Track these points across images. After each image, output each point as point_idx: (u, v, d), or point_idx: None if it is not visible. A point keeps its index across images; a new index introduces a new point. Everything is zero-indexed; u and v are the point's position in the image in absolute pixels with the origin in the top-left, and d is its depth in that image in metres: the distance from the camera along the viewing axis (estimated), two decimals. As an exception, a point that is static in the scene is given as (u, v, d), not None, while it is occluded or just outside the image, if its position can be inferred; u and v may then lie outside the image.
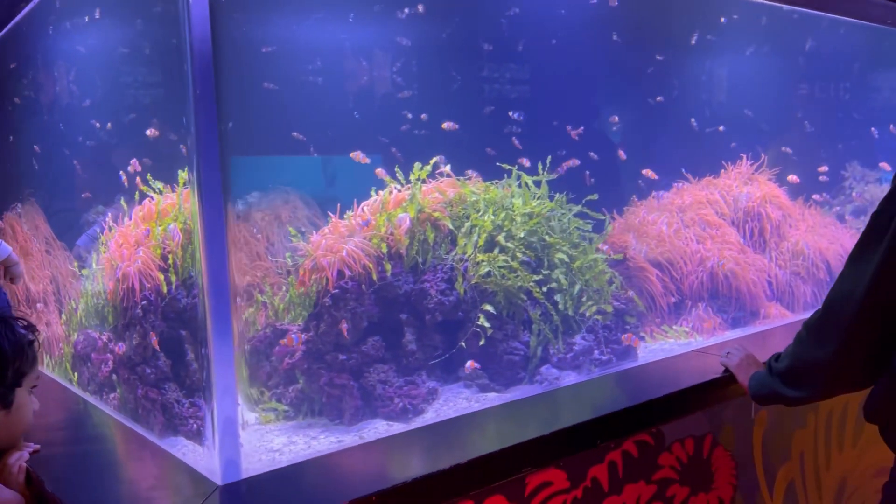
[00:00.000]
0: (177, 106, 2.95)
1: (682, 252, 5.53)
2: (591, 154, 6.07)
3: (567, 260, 4.84)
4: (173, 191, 4.70)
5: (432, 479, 2.99)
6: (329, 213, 5.27)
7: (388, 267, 4.86)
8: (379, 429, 4.52)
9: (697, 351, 4.91)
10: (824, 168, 7.16)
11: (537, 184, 5.20)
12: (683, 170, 6.25)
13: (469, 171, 5.53)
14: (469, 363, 4.54)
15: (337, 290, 4.85)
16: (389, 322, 4.47)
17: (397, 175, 5.28)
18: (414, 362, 4.79)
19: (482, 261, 4.72)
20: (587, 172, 5.62)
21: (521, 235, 4.74)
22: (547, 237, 4.81)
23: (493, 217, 4.78)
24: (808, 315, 3.35)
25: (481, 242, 4.76)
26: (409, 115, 6.40)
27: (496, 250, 4.76)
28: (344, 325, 4.73)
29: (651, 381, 4.38)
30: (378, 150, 6.66)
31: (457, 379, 4.85)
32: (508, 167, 5.11)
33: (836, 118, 7.66)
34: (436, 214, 4.98)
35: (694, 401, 4.11)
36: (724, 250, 5.57)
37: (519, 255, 4.69)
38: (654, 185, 6.14)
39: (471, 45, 6.55)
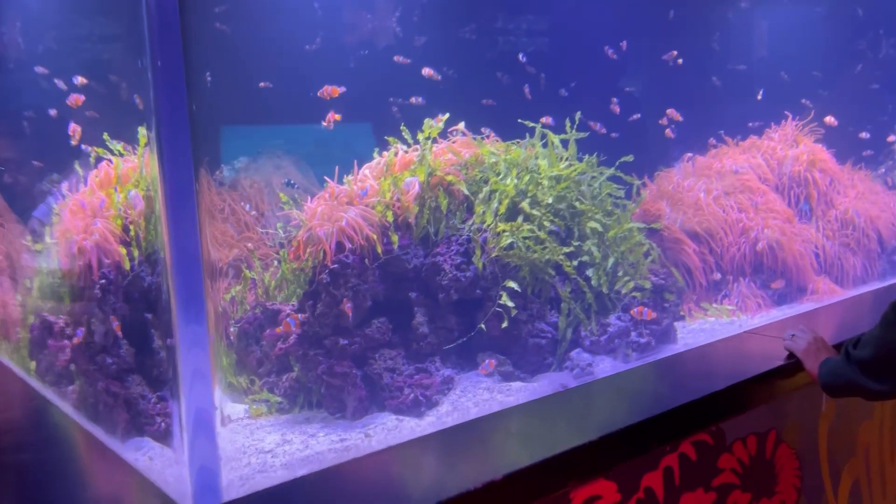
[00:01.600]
0: (135, 51, 2.47)
1: (722, 222, 4.92)
2: (613, 106, 5.43)
3: (600, 230, 4.22)
4: (135, 153, 4.05)
5: (462, 502, 2.38)
6: (326, 178, 4.61)
7: (395, 238, 4.24)
8: (387, 424, 3.93)
9: (750, 332, 4.31)
10: (865, 135, 6.52)
11: (564, 144, 4.55)
12: (722, 132, 5.61)
13: (484, 129, 4.87)
14: (488, 362, 3.92)
15: (336, 265, 4.23)
16: (397, 301, 4.10)
17: (403, 134, 4.62)
18: (426, 347, 4.19)
19: (504, 231, 4.10)
20: (614, 135, 4.96)
21: (549, 202, 4.10)
22: (577, 203, 4.19)
23: (515, 181, 4.15)
24: (860, 291, 2.75)
25: (503, 210, 4.12)
26: (411, 67, 5.73)
27: (520, 219, 4.14)
28: (347, 305, 4.11)
29: (704, 370, 3.79)
30: (378, 108, 5.99)
31: (475, 365, 4.25)
32: (532, 124, 4.45)
33: (888, 77, 6.97)
34: (449, 178, 4.34)
35: (758, 392, 3.52)
36: (769, 219, 4.97)
37: (546, 223, 4.06)
38: (688, 148, 5.51)
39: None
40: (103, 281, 3.66)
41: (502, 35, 5.86)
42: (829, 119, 5.60)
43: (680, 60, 5.54)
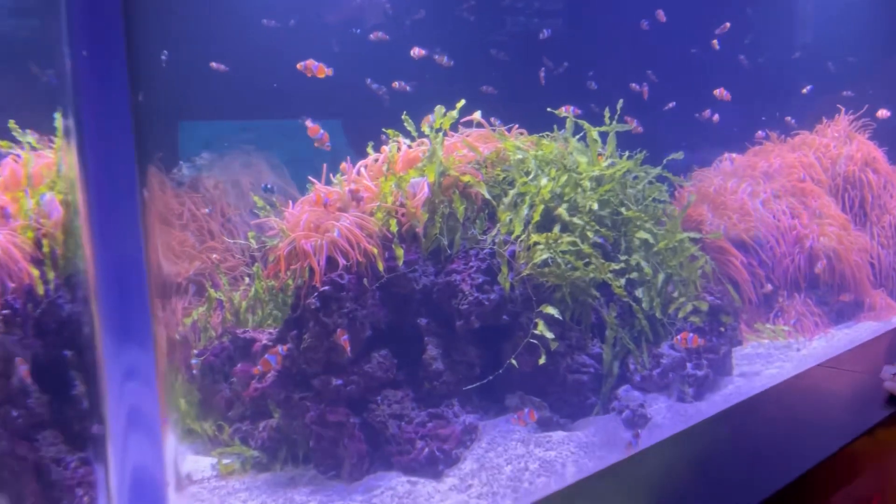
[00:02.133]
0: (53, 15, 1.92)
1: (773, 229, 4.22)
2: (640, 91, 4.68)
3: (652, 241, 3.46)
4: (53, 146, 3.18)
5: None
6: (311, 178, 3.77)
7: (400, 252, 3.45)
8: (397, 489, 3.16)
9: (825, 366, 3.60)
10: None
11: (599, 138, 3.78)
12: (766, 128, 4.90)
13: (495, 120, 4.09)
14: (527, 412, 3.14)
15: (327, 287, 3.44)
16: (403, 329, 3.57)
17: (406, 125, 3.81)
18: (441, 387, 3.43)
19: (538, 244, 3.32)
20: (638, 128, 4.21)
21: (594, 207, 3.33)
22: (623, 210, 3.42)
23: (551, 182, 3.36)
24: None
25: (536, 217, 3.34)
26: (403, 49, 4.92)
27: (556, 228, 3.36)
28: (342, 337, 3.30)
29: (790, 427, 3.03)
30: (365, 96, 5.17)
31: (503, 409, 3.48)
32: (564, 114, 3.67)
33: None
34: (465, 178, 3.54)
35: (861, 453, 2.80)
36: (825, 226, 4.28)
37: (590, 234, 3.30)
38: (725, 144, 4.81)
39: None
40: (6, 311, 2.75)
41: (510, 14, 5.08)
42: (883, 112, 4.95)
43: (715, 42, 4.82)
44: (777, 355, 4.09)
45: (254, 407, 3.76)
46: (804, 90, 5.22)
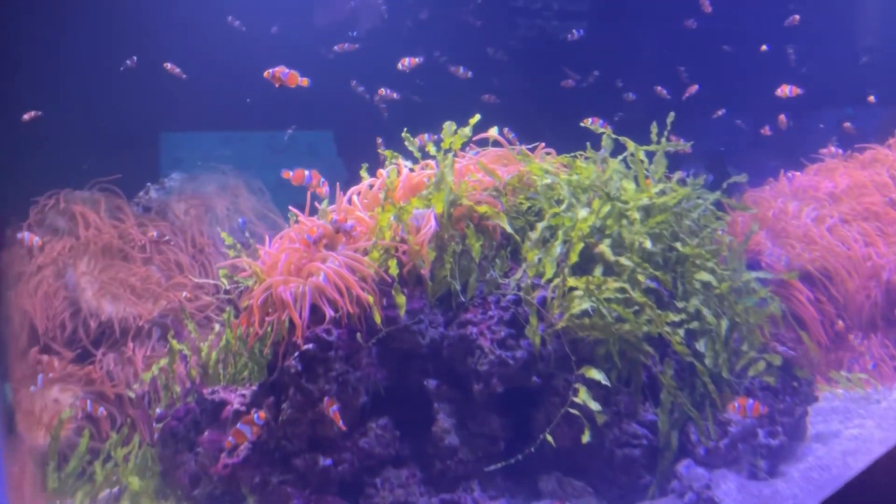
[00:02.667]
0: None
1: (843, 259, 3.55)
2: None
3: (715, 283, 2.77)
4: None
5: None
6: (291, 208, 3.09)
7: (401, 300, 2.80)
8: None
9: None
10: None
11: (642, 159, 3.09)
12: (828, 141, 4.23)
13: (511, 135, 3.43)
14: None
15: (311, 346, 2.81)
16: (407, 393, 2.98)
17: (407, 144, 3.13)
18: (456, 467, 2.80)
19: (575, 289, 2.63)
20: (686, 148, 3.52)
21: (646, 246, 2.64)
22: (678, 245, 2.73)
23: (592, 213, 2.67)
24: None
25: (574, 257, 2.65)
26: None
27: (598, 270, 2.67)
28: (331, 408, 2.62)
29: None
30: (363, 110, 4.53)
31: (536, 494, 2.79)
32: (598, 129, 2.98)
33: None
34: (481, 209, 2.87)
35: None
36: (904, 254, 3.62)
37: (641, 278, 2.61)
38: (775, 160, 4.15)
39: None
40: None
41: (525, 17, 4.43)
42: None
43: (764, 47, 4.19)
44: (855, 410, 3.42)
45: (224, 486, 3.05)
46: (871, 98, 4.58)
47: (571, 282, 2.66)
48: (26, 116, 4.25)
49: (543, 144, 3.11)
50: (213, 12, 5.31)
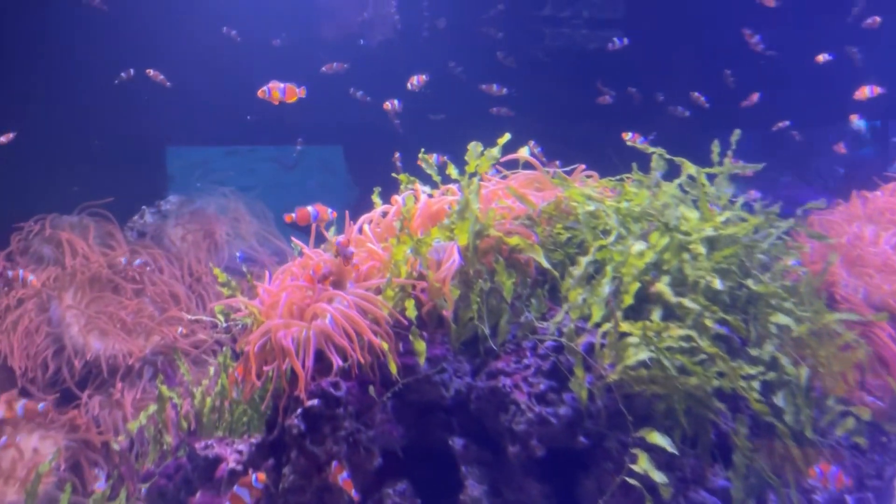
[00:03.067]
0: None
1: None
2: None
3: (793, 326, 2.37)
4: None
5: None
6: (295, 240, 2.72)
7: (420, 346, 2.44)
8: None
9: None
10: None
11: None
12: None
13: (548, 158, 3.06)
14: None
15: (316, 402, 2.41)
16: (429, 454, 2.58)
17: (425, 166, 2.77)
18: None
19: (629, 335, 2.23)
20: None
21: (715, 285, 2.24)
22: (750, 283, 2.33)
23: (650, 248, 2.28)
24: None
25: (628, 299, 2.25)
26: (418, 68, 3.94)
27: (656, 313, 2.27)
28: (340, 475, 2.24)
29: None
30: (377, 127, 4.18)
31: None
32: (651, 149, 2.59)
33: None
34: (513, 241, 2.49)
35: None
36: None
37: (709, 323, 2.21)
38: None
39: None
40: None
41: (551, 25, 4.07)
42: None
43: (822, 58, 3.81)
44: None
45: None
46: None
47: (625, 327, 2.26)
48: (2, 139, 3.90)
49: (584, 166, 2.72)
50: (216, 23, 4.99)
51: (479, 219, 2.55)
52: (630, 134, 3.18)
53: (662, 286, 2.29)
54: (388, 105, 4.09)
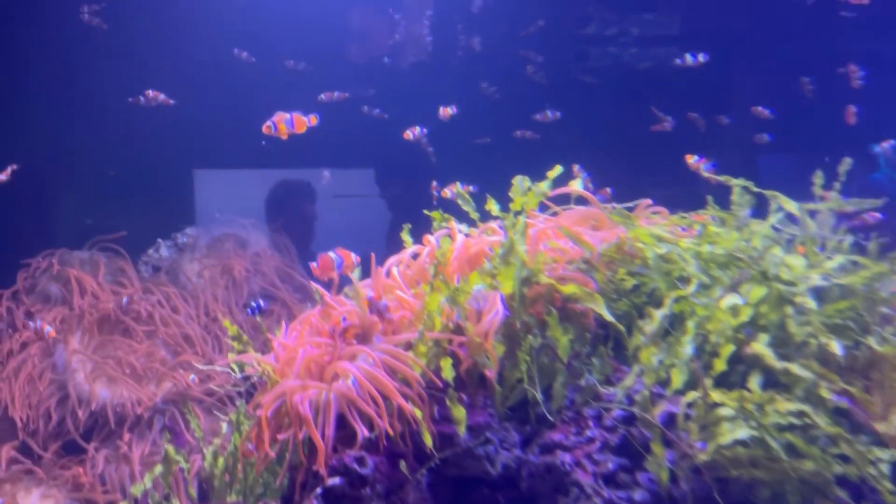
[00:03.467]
0: None
1: None
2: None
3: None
4: None
5: None
6: (315, 285, 2.39)
7: (460, 413, 2.10)
8: None
9: None
10: None
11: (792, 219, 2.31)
12: None
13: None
14: None
15: (338, 480, 2.01)
16: None
17: (461, 204, 2.43)
18: None
19: (721, 405, 1.84)
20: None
21: (832, 347, 1.84)
22: (873, 342, 1.92)
23: (748, 305, 1.89)
24: None
25: (720, 365, 1.86)
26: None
27: (755, 380, 1.87)
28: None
29: None
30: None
31: None
32: (734, 181, 2.20)
33: None
34: (567, 289, 2.13)
35: None
36: None
37: (826, 394, 1.81)
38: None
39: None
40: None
41: (596, 44, 3.74)
42: None
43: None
44: None
45: None
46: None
47: (716, 396, 1.87)
48: (2, 176, 3.64)
49: (650, 201, 2.35)
50: (240, 45, 4.75)
51: (527, 263, 2.19)
52: (695, 157, 2.80)
53: (761, 347, 1.89)
54: (409, 134, 3.80)
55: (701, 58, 3.35)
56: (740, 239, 2.07)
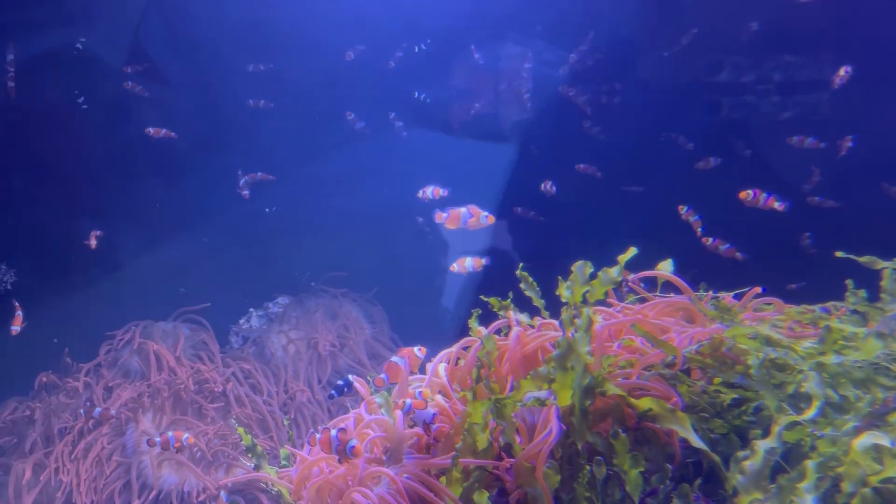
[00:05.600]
0: None
1: None
2: None
3: None
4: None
5: None
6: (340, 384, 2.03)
7: None
8: None
9: None
10: None
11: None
12: None
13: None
14: None
15: None
16: None
17: (523, 288, 1.99)
18: None
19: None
20: None
21: None
22: None
23: (882, 433, 1.33)
24: None
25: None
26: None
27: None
28: None
29: None
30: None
31: None
32: (882, 264, 1.62)
33: None
34: (642, 404, 1.60)
35: None
36: None
37: None
38: None
39: None
40: None
41: (729, 94, 3.22)
42: None
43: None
44: None
45: None
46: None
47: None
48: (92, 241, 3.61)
49: (759, 289, 1.80)
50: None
51: (590, 369, 1.70)
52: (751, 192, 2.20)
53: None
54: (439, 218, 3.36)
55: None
56: (885, 347, 1.48)
